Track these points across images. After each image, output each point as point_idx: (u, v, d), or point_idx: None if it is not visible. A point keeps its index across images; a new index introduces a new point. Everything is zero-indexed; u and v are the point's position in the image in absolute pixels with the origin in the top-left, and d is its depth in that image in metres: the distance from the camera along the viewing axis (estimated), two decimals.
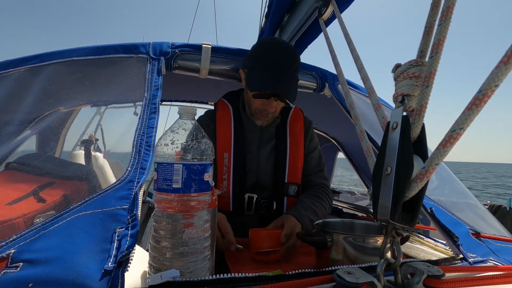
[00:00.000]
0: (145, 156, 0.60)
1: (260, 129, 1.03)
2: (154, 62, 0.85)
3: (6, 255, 0.40)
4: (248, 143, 1.02)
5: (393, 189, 0.40)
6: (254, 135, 1.03)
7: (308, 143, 1.08)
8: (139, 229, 0.48)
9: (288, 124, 1.05)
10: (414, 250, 0.84)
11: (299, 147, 1.04)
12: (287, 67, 0.90)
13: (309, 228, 0.86)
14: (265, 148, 1.02)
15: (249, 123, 1.02)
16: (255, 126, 1.02)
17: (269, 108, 0.95)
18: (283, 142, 1.03)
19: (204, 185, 0.49)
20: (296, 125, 1.06)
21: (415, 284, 0.42)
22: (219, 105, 1.06)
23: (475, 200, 0.97)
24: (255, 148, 1.02)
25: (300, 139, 1.05)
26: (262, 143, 1.03)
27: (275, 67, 0.90)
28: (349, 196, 2.35)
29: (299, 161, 1.03)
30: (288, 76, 0.91)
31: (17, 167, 0.70)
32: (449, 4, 0.38)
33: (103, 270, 0.41)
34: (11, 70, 0.81)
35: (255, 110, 0.97)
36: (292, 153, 1.02)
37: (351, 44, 0.67)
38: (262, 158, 1.01)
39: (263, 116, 0.97)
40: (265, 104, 0.94)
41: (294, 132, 1.05)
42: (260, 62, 0.92)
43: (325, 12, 0.88)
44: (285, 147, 1.02)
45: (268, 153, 1.02)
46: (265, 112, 0.95)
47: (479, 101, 0.33)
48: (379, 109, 0.51)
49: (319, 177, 1.06)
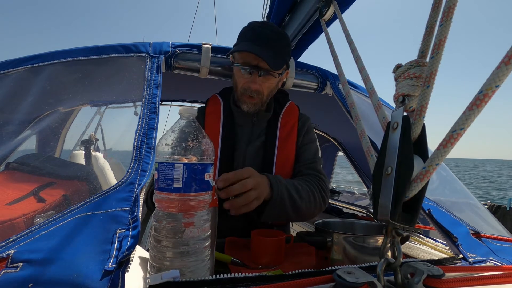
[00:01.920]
0: (146, 158, 0.60)
1: (252, 124, 0.98)
2: (153, 60, 0.86)
3: (6, 255, 0.40)
4: (237, 140, 0.96)
5: (393, 189, 0.40)
6: (245, 131, 0.98)
7: (304, 135, 1.01)
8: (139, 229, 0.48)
9: (280, 118, 0.99)
10: (414, 250, 0.84)
11: (290, 142, 0.97)
12: (270, 39, 0.86)
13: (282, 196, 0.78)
14: (253, 144, 0.96)
15: (240, 118, 0.98)
16: (246, 120, 0.98)
17: (252, 85, 0.88)
18: (272, 137, 0.97)
19: (205, 185, 0.49)
20: (289, 120, 1.00)
21: (415, 284, 0.42)
22: (210, 100, 1.02)
23: (475, 200, 0.97)
24: (243, 144, 0.96)
25: (292, 134, 0.98)
26: (251, 139, 0.97)
27: (258, 39, 0.86)
28: (349, 196, 2.35)
29: (288, 157, 0.96)
30: (272, 47, 0.86)
31: (17, 167, 0.70)
32: (450, 4, 0.38)
33: (104, 271, 0.41)
34: (11, 70, 0.81)
35: (240, 91, 0.91)
36: (281, 148, 0.96)
37: (352, 45, 0.68)
38: (249, 155, 0.95)
39: (247, 97, 0.91)
40: (248, 80, 0.89)
41: (286, 127, 0.98)
42: (243, 37, 0.89)
43: (327, 13, 0.88)
44: (273, 142, 0.96)
45: (256, 149, 0.96)
46: (249, 90, 0.89)
47: (479, 102, 0.33)
48: (379, 109, 0.51)
49: (311, 168, 0.96)
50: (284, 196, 0.79)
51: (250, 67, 0.87)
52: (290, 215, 0.81)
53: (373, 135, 0.84)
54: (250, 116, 0.98)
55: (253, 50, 0.83)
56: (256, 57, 0.85)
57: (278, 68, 0.88)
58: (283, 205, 0.79)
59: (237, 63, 0.89)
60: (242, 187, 0.71)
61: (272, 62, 0.84)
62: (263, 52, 0.83)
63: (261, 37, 0.86)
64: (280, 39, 0.89)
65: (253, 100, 0.92)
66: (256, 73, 0.88)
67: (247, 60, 0.87)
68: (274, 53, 0.86)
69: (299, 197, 0.82)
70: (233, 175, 0.73)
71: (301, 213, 0.83)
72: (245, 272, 0.47)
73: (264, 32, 0.86)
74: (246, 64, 0.88)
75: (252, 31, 0.88)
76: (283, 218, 0.84)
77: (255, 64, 0.87)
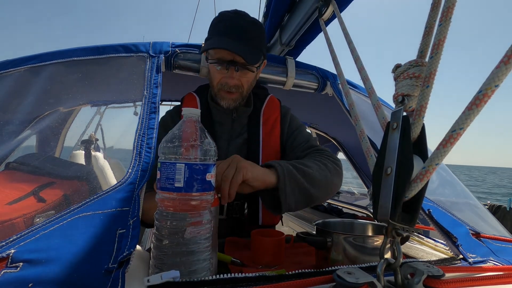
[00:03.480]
0: (146, 158, 0.60)
1: (231, 120, 0.93)
2: (153, 59, 0.85)
3: (6, 255, 0.40)
4: (217, 138, 0.91)
5: (393, 189, 0.40)
6: (224, 128, 0.93)
7: (288, 126, 0.96)
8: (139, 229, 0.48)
9: (262, 114, 0.94)
10: (414, 250, 0.84)
11: (274, 137, 0.92)
12: (245, 31, 0.80)
13: (291, 172, 0.71)
14: (235, 141, 0.91)
15: (218, 114, 0.93)
16: (225, 117, 0.93)
17: (230, 80, 0.83)
18: (255, 133, 0.91)
19: (206, 185, 0.49)
20: (271, 114, 0.95)
21: (415, 284, 0.42)
22: (185, 98, 0.96)
23: (475, 200, 0.97)
24: (224, 142, 0.91)
25: (275, 128, 0.93)
26: (232, 136, 0.92)
27: (231, 31, 0.80)
28: (349, 196, 2.35)
29: (273, 152, 0.91)
30: (247, 40, 0.80)
31: (17, 167, 0.70)
32: (449, 4, 0.38)
33: (104, 271, 0.41)
34: (11, 70, 0.81)
35: (217, 87, 0.86)
36: (266, 145, 0.91)
37: (351, 44, 0.68)
38: (231, 153, 0.86)
39: (225, 92, 0.86)
40: (225, 76, 0.84)
41: (268, 122, 0.93)
42: (215, 29, 0.83)
43: (325, 12, 0.88)
44: (257, 139, 0.91)
45: (239, 147, 0.91)
46: (227, 86, 0.84)
47: (479, 101, 0.33)
48: (379, 109, 0.51)
49: (307, 148, 0.89)
50: (290, 169, 0.72)
51: (226, 62, 0.82)
52: (307, 189, 0.74)
53: (373, 135, 0.84)
54: (229, 112, 0.92)
55: (228, 47, 0.78)
56: (231, 52, 0.80)
57: (255, 62, 0.82)
58: (296, 179, 0.72)
59: (211, 59, 0.84)
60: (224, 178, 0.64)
61: (249, 57, 0.79)
62: (238, 47, 0.78)
63: (235, 29, 0.80)
64: (254, 30, 0.83)
65: (233, 95, 0.87)
66: (233, 68, 0.83)
67: (222, 55, 0.82)
68: (250, 46, 0.81)
69: (306, 166, 0.75)
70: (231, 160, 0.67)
71: (321, 184, 0.76)
72: (245, 272, 0.47)
73: (238, 23, 0.81)
74: (221, 59, 0.82)
75: (224, 23, 0.81)
76: (305, 199, 0.75)
77: (231, 59, 0.82)
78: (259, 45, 0.84)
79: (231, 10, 0.84)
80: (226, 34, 0.80)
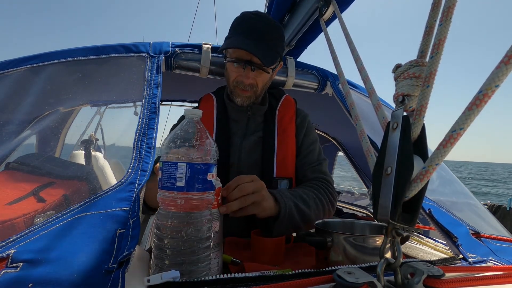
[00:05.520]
0: (146, 158, 0.60)
1: (247, 118, 0.95)
2: (153, 60, 0.86)
3: (6, 255, 0.40)
4: (231, 135, 0.94)
5: (393, 189, 0.40)
6: (239, 126, 0.95)
7: (305, 137, 0.98)
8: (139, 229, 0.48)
9: (277, 112, 0.97)
10: (414, 250, 0.84)
11: (289, 136, 0.94)
12: (264, 33, 0.84)
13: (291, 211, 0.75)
14: (249, 139, 0.93)
15: (234, 112, 0.96)
16: (240, 115, 0.95)
17: (245, 79, 0.87)
18: (270, 132, 0.94)
19: (208, 184, 0.49)
20: (286, 113, 0.97)
21: (415, 284, 0.42)
22: (203, 99, 1.01)
23: (475, 200, 0.97)
24: (238, 139, 0.93)
25: (290, 127, 0.95)
26: (247, 134, 0.94)
27: (251, 33, 0.84)
28: (349, 196, 2.35)
29: (289, 152, 0.93)
30: (265, 42, 0.84)
31: (17, 167, 0.70)
32: (449, 4, 0.38)
33: (104, 271, 0.41)
34: (11, 70, 0.81)
35: (233, 84, 0.90)
36: (281, 143, 0.92)
37: (352, 44, 0.68)
38: (245, 150, 0.92)
39: (241, 90, 0.89)
40: (241, 75, 0.87)
41: (283, 120, 0.96)
42: (236, 29, 0.86)
43: (326, 12, 0.88)
44: (272, 137, 0.93)
45: (252, 144, 0.93)
46: (242, 84, 0.88)
47: (479, 101, 0.33)
48: (379, 109, 0.51)
49: (317, 171, 0.94)
50: (292, 210, 0.76)
51: (243, 62, 0.86)
52: (300, 227, 0.79)
53: (373, 135, 0.84)
54: (244, 110, 0.95)
55: (246, 47, 0.82)
56: (249, 53, 0.83)
57: (271, 64, 0.85)
58: (293, 219, 0.76)
59: (229, 57, 0.88)
60: (239, 192, 0.68)
61: (265, 58, 0.83)
62: (256, 48, 0.82)
63: (254, 31, 0.84)
64: (273, 32, 0.87)
65: (247, 93, 0.90)
66: (249, 67, 0.86)
67: (240, 55, 0.85)
68: (267, 48, 0.85)
69: (308, 207, 0.80)
70: (232, 182, 0.69)
71: (311, 223, 0.80)
72: (245, 272, 0.47)
73: (257, 25, 0.84)
74: (238, 59, 0.86)
75: (245, 24, 0.86)
76: (293, 231, 0.81)
77: (248, 59, 0.85)
78: (277, 47, 0.88)
79: (252, 11, 0.89)
80: (245, 34, 0.84)
